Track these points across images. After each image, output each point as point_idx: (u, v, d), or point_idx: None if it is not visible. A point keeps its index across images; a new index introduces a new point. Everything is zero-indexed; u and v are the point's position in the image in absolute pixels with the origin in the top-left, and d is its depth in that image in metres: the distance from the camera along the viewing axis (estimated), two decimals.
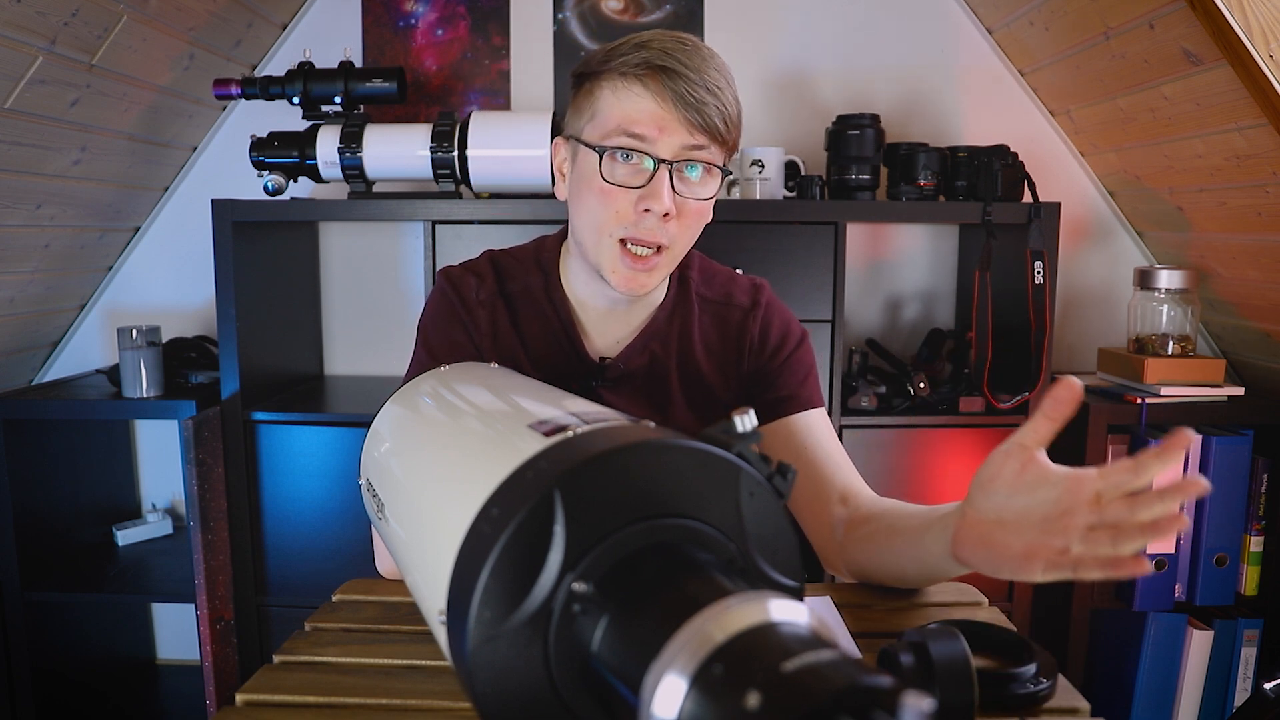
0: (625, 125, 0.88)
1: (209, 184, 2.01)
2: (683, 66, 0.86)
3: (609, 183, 0.89)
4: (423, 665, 0.76)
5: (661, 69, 0.86)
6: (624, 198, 0.89)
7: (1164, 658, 1.71)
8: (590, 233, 0.92)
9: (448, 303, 1.02)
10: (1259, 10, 1.19)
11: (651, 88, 0.87)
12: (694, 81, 0.86)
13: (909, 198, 1.71)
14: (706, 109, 0.87)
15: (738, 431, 0.52)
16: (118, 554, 1.91)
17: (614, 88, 0.89)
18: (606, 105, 0.89)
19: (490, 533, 0.46)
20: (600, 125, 0.90)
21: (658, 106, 0.87)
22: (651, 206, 0.88)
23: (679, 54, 0.87)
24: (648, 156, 0.88)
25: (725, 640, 0.37)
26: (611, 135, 0.88)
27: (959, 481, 1.72)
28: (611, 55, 0.89)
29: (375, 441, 0.77)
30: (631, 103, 0.88)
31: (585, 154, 0.91)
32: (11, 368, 1.93)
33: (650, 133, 0.87)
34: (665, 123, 0.87)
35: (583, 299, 1.01)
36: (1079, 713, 0.69)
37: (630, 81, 0.88)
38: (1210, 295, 1.83)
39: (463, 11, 1.97)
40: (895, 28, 1.97)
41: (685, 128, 0.87)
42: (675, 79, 0.86)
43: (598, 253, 0.92)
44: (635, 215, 0.89)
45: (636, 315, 1.02)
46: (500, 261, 1.05)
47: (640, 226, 0.89)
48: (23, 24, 1.31)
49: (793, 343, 1.04)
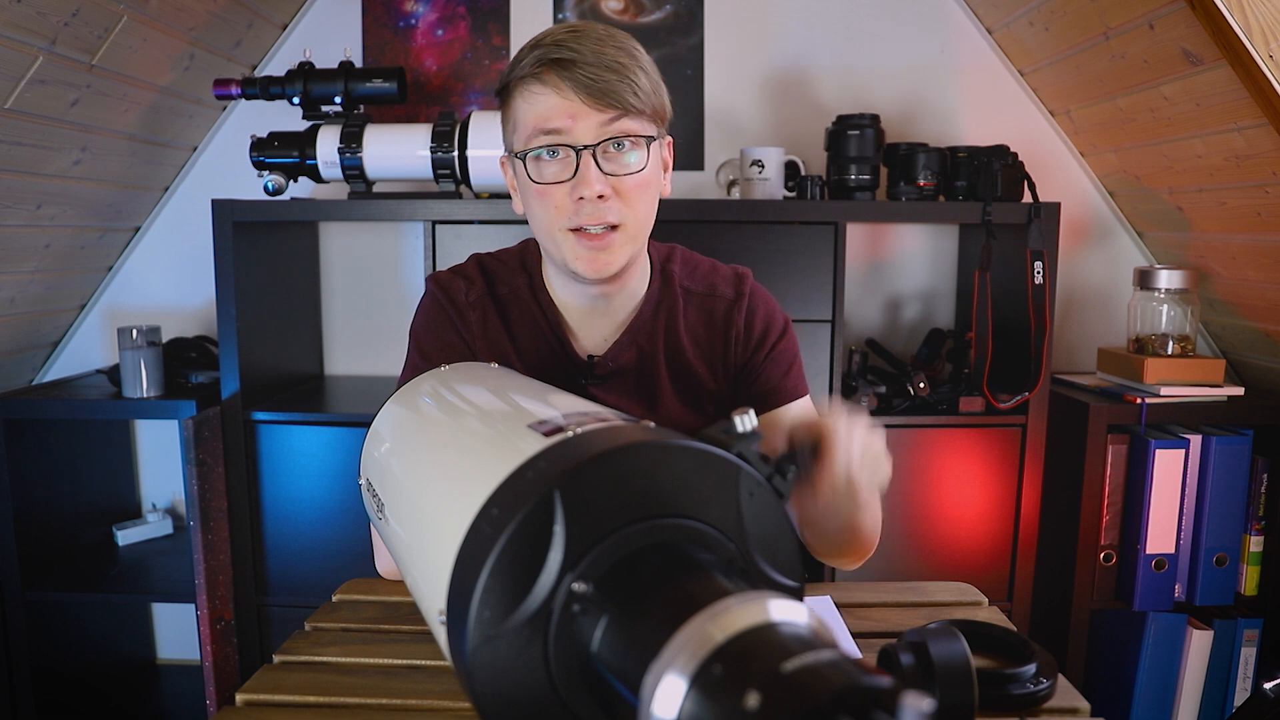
0: (539, 125, 0.90)
1: (209, 184, 2.01)
2: (575, 53, 0.88)
3: (540, 183, 0.92)
4: (423, 665, 0.76)
5: (555, 62, 0.89)
6: (559, 192, 0.92)
7: (1164, 658, 1.71)
8: (544, 234, 0.95)
9: (438, 306, 1.03)
10: (1259, 10, 1.19)
11: (551, 82, 0.89)
12: (590, 63, 0.88)
13: (909, 198, 1.71)
14: (610, 86, 0.89)
15: (738, 431, 0.52)
16: (118, 554, 1.91)
17: (522, 94, 0.92)
18: (520, 112, 0.92)
19: (490, 533, 0.46)
20: (521, 133, 0.92)
21: (561, 98, 0.89)
22: (583, 193, 0.90)
23: (571, 42, 0.89)
24: (568, 148, 0.90)
25: (725, 640, 0.37)
26: (531, 139, 0.91)
27: (959, 481, 1.72)
28: (514, 64, 0.93)
29: (375, 441, 0.78)
30: (538, 102, 0.90)
31: (517, 164, 0.94)
32: (11, 368, 1.93)
33: (563, 124, 0.89)
34: (572, 110, 0.89)
35: (565, 299, 1.03)
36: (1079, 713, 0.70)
37: (531, 83, 0.90)
38: (1210, 295, 1.83)
39: (463, 11, 1.97)
40: (895, 28, 1.97)
41: (594, 109, 0.89)
42: (571, 67, 0.88)
43: (557, 249, 0.94)
44: (573, 206, 0.91)
45: (620, 311, 1.03)
46: (487, 265, 1.06)
47: (581, 214, 0.92)
48: (23, 24, 1.31)
49: (776, 334, 1.05)
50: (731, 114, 2.00)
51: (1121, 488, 1.69)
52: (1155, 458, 1.64)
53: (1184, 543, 1.67)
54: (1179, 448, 1.64)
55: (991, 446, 1.71)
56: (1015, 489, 1.72)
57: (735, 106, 2.00)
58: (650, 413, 1.03)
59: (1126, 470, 1.69)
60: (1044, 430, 1.69)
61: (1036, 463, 1.70)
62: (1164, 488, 1.65)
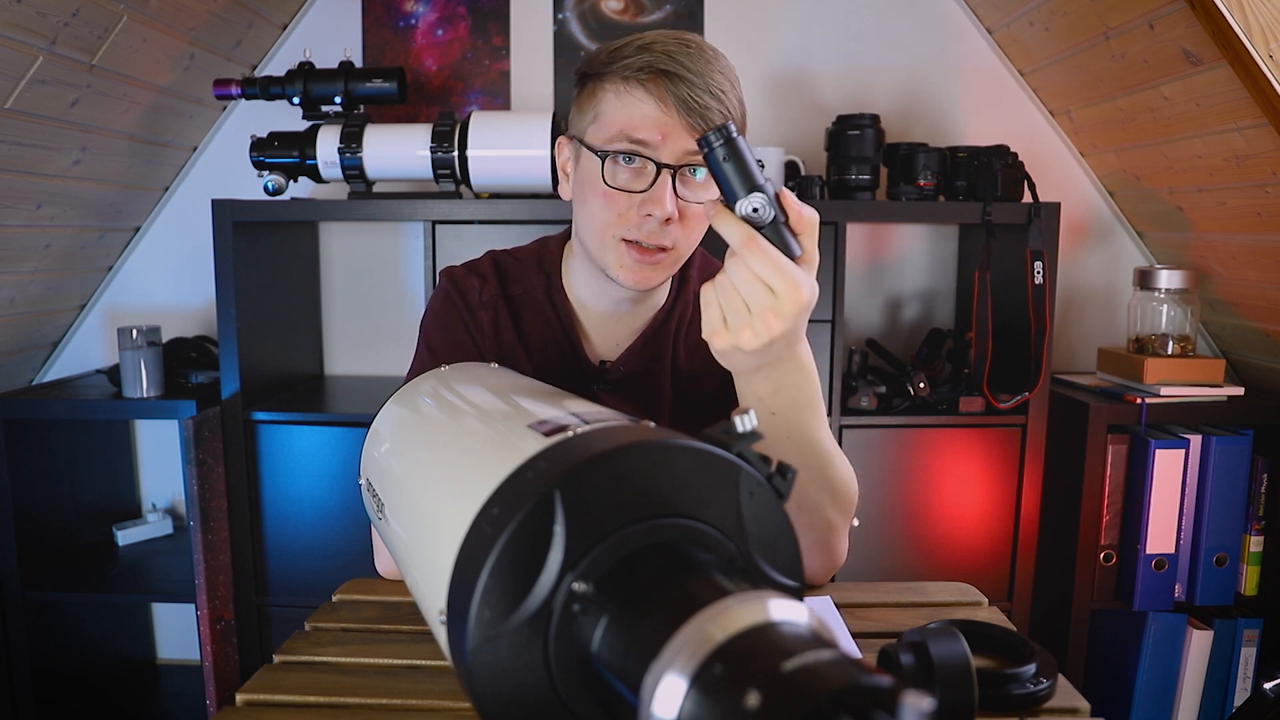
0: (628, 130, 0.87)
1: (209, 184, 2.01)
2: (686, 70, 0.86)
3: (612, 187, 0.89)
4: (423, 665, 0.76)
5: (664, 73, 0.86)
6: (626, 201, 0.89)
7: (1164, 658, 1.71)
8: (594, 234, 0.92)
9: (450, 303, 1.02)
10: (1259, 10, 1.19)
11: (654, 92, 0.86)
12: (697, 86, 0.86)
13: (909, 198, 1.71)
14: (710, 113, 0.86)
15: (738, 431, 0.52)
16: (118, 554, 1.91)
17: (617, 91, 0.88)
18: (609, 108, 0.89)
19: (490, 533, 0.46)
20: (603, 128, 0.89)
21: (660, 112, 0.86)
22: (654, 211, 0.88)
23: (682, 57, 0.86)
24: (650, 161, 0.88)
25: (725, 640, 0.37)
26: (614, 140, 0.88)
27: (959, 481, 1.72)
28: (615, 56, 0.89)
29: (375, 441, 0.78)
30: (634, 107, 0.87)
31: (588, 157, 0.91)
32: (11, 368, 1.93)
33: (653, 138, 0.87)
34: (668, 128, 0.87)
35: (584, 301, 1.02)
36: (1079, 713, 0.69)
37: (633, 85, 0.87)
38: (1210, 295, 1.83)
39: (463, 11, 1.97)
40: (895, 28, 1.97)
41: (688, 133, 0.87)
42: (678, 83, 0.85)
43: (601, 252, 0.92)
44: (638, 219, 0.89)
45: (638, 318, 1.02)
46: (503, 262, 1.05)
47: (643, 230, 0.89)
48: (23, 24, 1.31)
49: None
50: None
51: (1121, 488, 1.69)
52: (1155, 458, 1.64)
53: (1184, 543, 1.67)
54: (1179, 448, 1.65)
55: (991, 446, 1.71)
56: (1015, 489, 1.72)
57: None
58: (655, 418, 1.02)
59: (1126, 470, 1.69)
60: (1044, 430, 1.70)
61: (1036, 463, 1.70)
62: (1164, 488, 1.65)
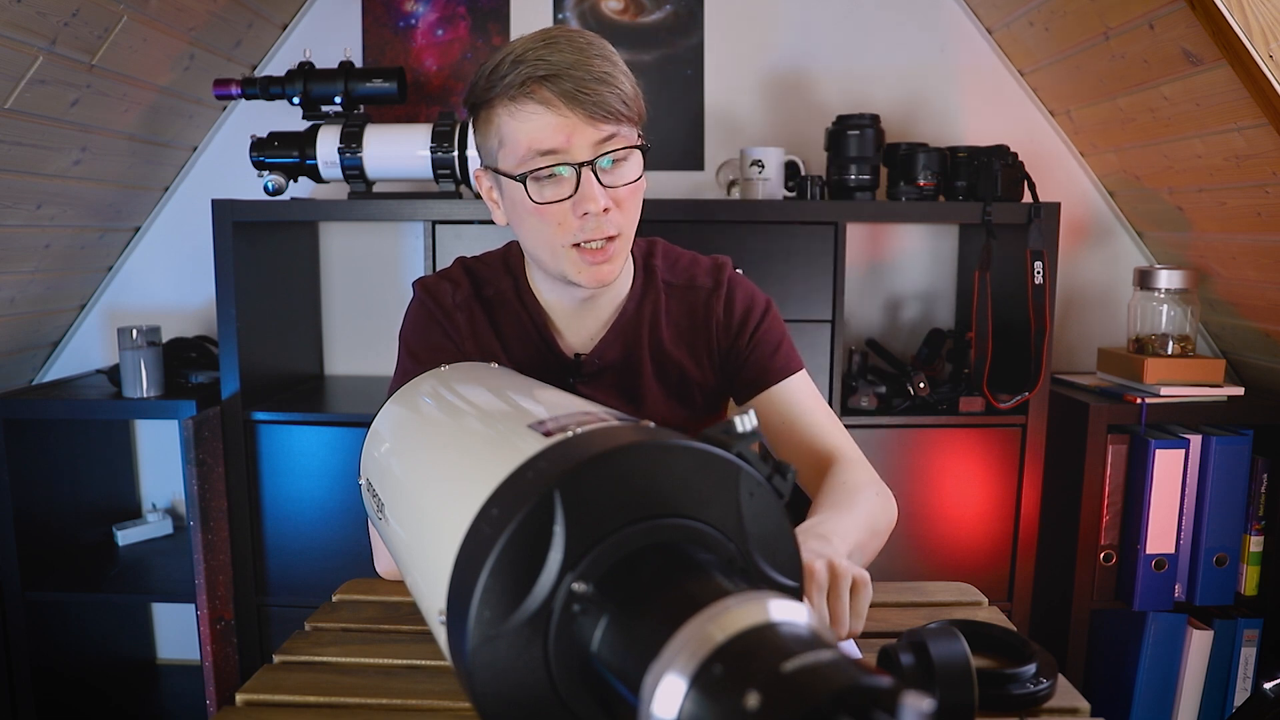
0: (534, 145, 0.87)
1: (209, 184, 2.01)
2: (564, 68, 0.86)
3: (540, 204, 0.90)
4: (423, 665, 0.76)
5: (544, 78, 0.86)
6: (559, 211, 0.90)
7: (1164, 658, 1.71)
8: (543, 250, 0.94)
9: (426, 310, 1.04)
10: (1259, 10, 1.19)
11: (544, 99, 0.86)
12: (580, 78, 0.86)
13: (909, 198, 1.71)
14: (603, 98, 0.87)
15: (737, 431, 0.52)
16: (118, 554, 1.91)
17: (510, 111, 0.88)
18: (509, 130, 0.89)
19: (490, 533, 0.46)
20: (511, 152, 0.90)
21: (556, 116, 0.86)
22: (588, 209, 0.89)
23: (554, 56, 0.86)
24: (566, 165, 0.88)
25: (725, 640, 0.37)
26: (526, 159, 0.88)
27: (959, 481, 1.72)
28: (494, 79, 0.89)
29: (375, 441, 0.78)
30: (531, 121, 0.87)
31: (509, 183, 0.91)
32: (11, 368, 1.93)
33: (560, 143, 0.87)
34: (568, 128, 0.87)
35: (551, 301, 1.03)
36: (1079, 713, 0.69)
37: (521, 101, 0.87)
38: (1210, 295, 1.83)
39: (463, 11, 1.97)
40: (895, 28, 1.97)
41: (589, 125, 0.87)
42: (561, 82, 0.86)
43: (557, 264, 0.94)
44: (577, 222, 0.90)
45: (605, 309, 1.04)
46: (472, 267, 1.07)
47: (586, 229, 0.90)
48: (23, 24, 1.31)
49: (758, 315, 1.05)
50: (731, 114, 2.00)
51: (1121, 488, 1.69)
52: (1155, 458, 1.64)
53: (1184, 543, 1.67)
54: (1179, 448, 1.65)
55: (991, 446, 1.71)
56: (1015, 489, 1.72)
57: (735, 106, 2.00)
58: (636, 408, 1.04)
59: (1126, 470, 1.69)
60: (1044, 430, 1.70)
61: (1036, 463, 1.70)
62: (1164, 488, 1.65)
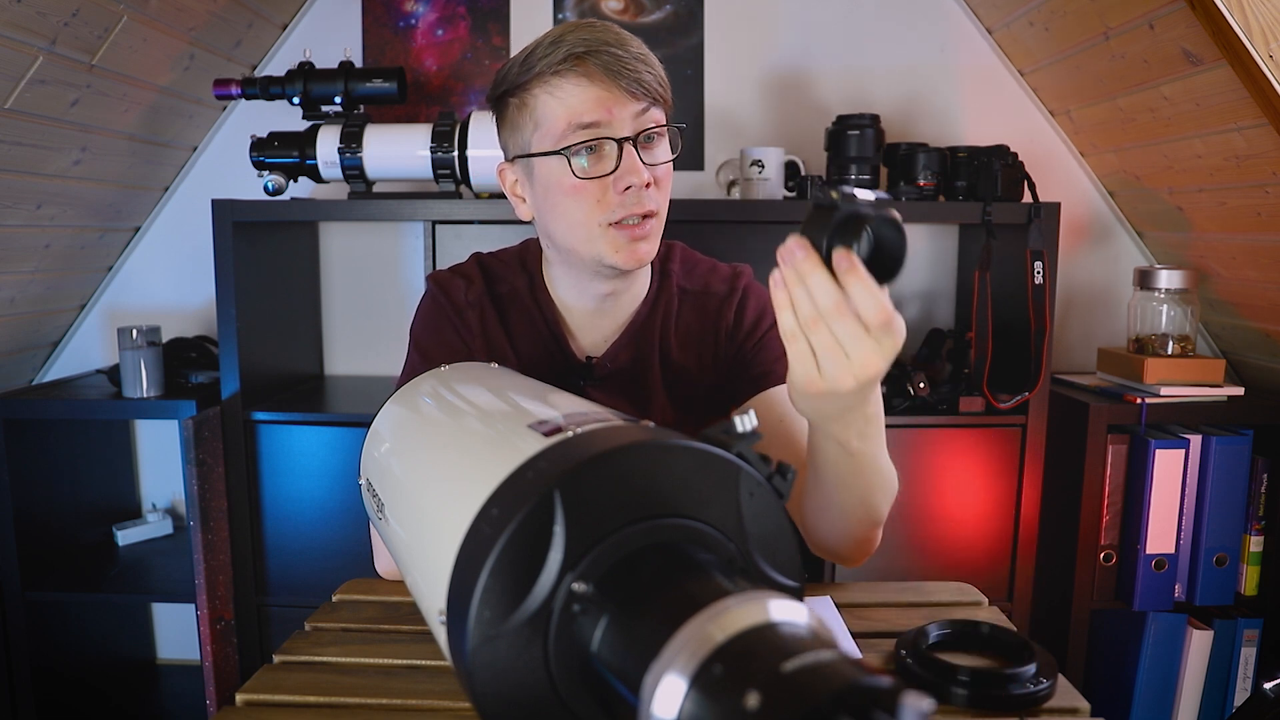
0: (575, 119, 0.88)
1: (209, 184, 2.01)
2: (605, 45, 0.87)
3: (582, 179, 0.89)
4: (423, 665, 0.76)
5: (587, 54, 0.87)
6: (600, 187, 0.90)
7: (1164, 658, 1.71)
8: (578, 231, 0.92)
9: (438, 306, 1.03)
10: (1259, 10, 1.19)
11: (586, 73, 0.87)
12: (620, 55, 0.87)
13: (909, 198, 1.71)
14: (642, 76, 0.88)
15: (737, 431, 0.52)
16: (118, 554, 1.91)
17: (549, 89, 0.89)
18: (547, 110, 0.89)
19: (490, 533, 0.46)
20: (549, 131, 0.90)
21: (600, 89, 0.88)
22: (632, 182, 0.89)
23: (594, 35, 0.88)
24: (608, 140, 0.88)
25: (725, 640, 0.37)
26: (566, 134, 0.88)
27: (959, 481, 1.72)
28: (530, 62, 0.90)
29: (375, 441, 0.77)
30: (573, 95, 0.88)
31: (544, 164, 0.91)
32: (11, 368, 1.93)
33: (603, 117, 0.88)
34: (612, 102, 0.88)
35: (567, 301, 1.02)
36: (1079, 713, 0.69)
37: (563, 75, 0.88)
38: (1210, 295, 1.83)
39: (463, 11, 1.97)
40: (895, 28, 1.97)
41: (630, 100, 0.88)
42: (603, 57, 0.87)
43: (591, 246, 0.92)
44: (618, 198, 0.90)
45: (622, 312, 1.03)
46: (487, 264, 1.06)
47: (627, 203, 0.90)
48: (23, 24, 1.31)
49: (769, 321, 1.04)
50: (731, 114, 2.00)
51: (1121, 488, 1.69)
52: (1155, 458, 1.64)
53: (1184, 543, 1.67)
54: (1179, 448, 1.64)
55: (991, 446, 1.71)
56: (1015, 489, 1.72)
57: (735, 106, 2.00)
58: (644, 414, 1.02)
59: (1126, 470, 1.69)
60: (1044, 430, 1.69)
61: (1036, 463, 1.70)
62: (1164, 488, 1.65)
